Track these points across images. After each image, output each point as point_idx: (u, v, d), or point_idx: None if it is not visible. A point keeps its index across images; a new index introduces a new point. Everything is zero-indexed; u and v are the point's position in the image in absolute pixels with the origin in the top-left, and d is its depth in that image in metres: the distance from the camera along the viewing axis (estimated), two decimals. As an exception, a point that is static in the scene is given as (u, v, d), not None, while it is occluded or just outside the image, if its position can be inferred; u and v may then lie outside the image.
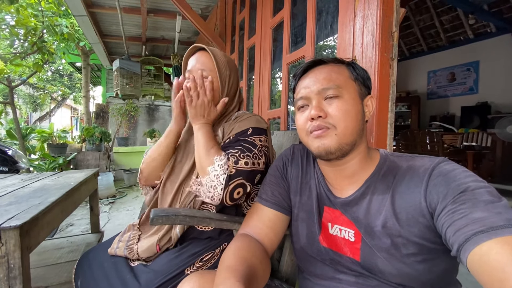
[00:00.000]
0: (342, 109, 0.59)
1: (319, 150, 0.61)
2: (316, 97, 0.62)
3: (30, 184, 1.21)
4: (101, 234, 1.75)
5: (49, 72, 11.93)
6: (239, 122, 0.84)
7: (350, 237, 0.61)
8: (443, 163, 0.54)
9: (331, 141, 0.59)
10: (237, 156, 0.77)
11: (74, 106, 17.78)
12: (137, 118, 7.42)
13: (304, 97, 0.64)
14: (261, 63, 1.93)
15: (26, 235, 0.73)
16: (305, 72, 0.67)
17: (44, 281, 1.18)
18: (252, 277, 0.53)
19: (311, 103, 0.63)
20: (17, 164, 2.28)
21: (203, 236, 0.84)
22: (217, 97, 0.87)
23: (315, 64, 0.67)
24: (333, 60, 0.67)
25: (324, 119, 0.60)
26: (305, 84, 0.65)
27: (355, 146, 0.61)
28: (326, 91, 0.61)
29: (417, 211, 0.53)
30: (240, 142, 0.80)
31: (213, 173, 0.74)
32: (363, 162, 0.63)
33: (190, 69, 0.88)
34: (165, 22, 3.53)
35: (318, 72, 0.64)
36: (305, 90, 0.64)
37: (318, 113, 0.60)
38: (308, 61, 0.68)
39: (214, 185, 0.74)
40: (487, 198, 0.45)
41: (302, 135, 0.66)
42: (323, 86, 0.61)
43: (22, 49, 3.92)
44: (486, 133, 4.60)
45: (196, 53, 0.90)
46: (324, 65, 0.66)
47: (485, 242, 0.40)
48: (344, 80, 0.62)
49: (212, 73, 0.87)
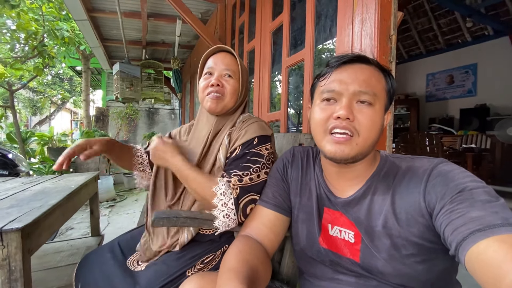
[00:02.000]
0: (372, 119, 0.57)
1: (335, 155, 0.58)
2: (349, 96, 0.57)
3: (30, 187, 1.22)
4: (101, 238, 1.75)
5: (49, 76, 11.96)
6: (244, 128, 0.85)
7: (350, 238, 0.62)
8: (442, 164, 0.55)
9: (351, 150, 0.57)
10: (240, 175, 0.77)
11: (74, 110, 17.81)
12: (137, 121, 7.43)
13: (336, 91, 0.59)
14: (261, 66, 1.94)
15: (28, 238, 0.74)
16: (343, 64, 0.61)
17: (45, 285, 1.18)
18: (254, 279, 0.53)
19: (341, 101, 0.58)
20: (17, 167, 2.28)
21: (205, 239, 0.84)
22: (235, 99, 0.90)
23: (358, 60, 0.61)
24: (377, 64, 0.62)
25: (351, 122, 0.57)
26: (342, 77, 0.59)
27: (367, 155, 0.61)
28: (362, 95, 0.57)
29: (416, 211, 0.53)
30: (247, 156, 0.80)
31: (220, 203, 0.74)
32: (367, 166, 0.63)
33: (213, 66, 0.89)
34: (165, 26, 3.56)
35: (360, 70, 0.59)
36: (339, 84, 0.59)
37: (348, 115, 0.56)
38: (352, 54, 0.62)
39: (226, 213, 0.74)
40: (484, 198, 0.45)
41: (319, 130, 0.61)
42: (361, 89, 0.57)
43: (22, 53, 3.94)
44: (485, 135, 4.62)
45: (218, 53, 0.91)
46: (367, 65, 0.60)
47: (482, 240, 0.40)
48: (380, 89, 0.59)
49: (235, 76, 0.89)
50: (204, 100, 0.88)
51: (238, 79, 0.89)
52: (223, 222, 0.74)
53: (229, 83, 0.88)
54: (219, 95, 0.86)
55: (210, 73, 0.89)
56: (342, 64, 0.61)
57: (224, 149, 0.85)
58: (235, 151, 0.83)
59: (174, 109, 8.15)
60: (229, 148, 0.85)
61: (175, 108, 8.11)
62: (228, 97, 0.87)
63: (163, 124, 8.07)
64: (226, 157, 0.85)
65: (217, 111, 0.88)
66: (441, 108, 6.48)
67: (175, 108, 8.11)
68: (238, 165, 0.79)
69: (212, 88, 0.86)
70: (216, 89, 0.86)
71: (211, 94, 0.86)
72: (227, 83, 0.88)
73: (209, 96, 0.86)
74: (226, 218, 0.74)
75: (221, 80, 0.87)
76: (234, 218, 0.74)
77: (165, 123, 8.09)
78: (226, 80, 0.88)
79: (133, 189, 4.60)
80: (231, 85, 0.88)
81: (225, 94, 0.87)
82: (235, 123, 0.91)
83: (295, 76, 2.87)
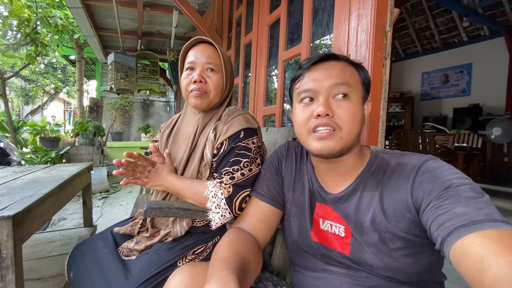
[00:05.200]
0: (351, 112, 0.58)
1: (321, 152, 0.59)
2: (325, 92, 0.59)
3: (22, 177, 1.21)
4: (93, 228, 1.75)
5: (42, 64, 11.72)
6: (230, 121, 0.84)
7: (340, 232, 0.63)
8: (430, 160, 0.56)
9: (336, 144, 0.58)
10: (231, 171, 0.77)
11: (67, 100, 17.52)
12: (132, 113, 7.36)
13: (312, 90, 0.60)
14: (257, 60, 1.93)
15: (19, 226, 0.73)
16: (314, 64, 0.63)
17: (36, 274, 1.18)
18: (244, 269, 0.54)
19: (318, 99, 0.59)
20: (8, 156, 2.25)
21: (196, 231, 0.85)
22: (220, 93, 0.88)
23: (328, 58, 0.63)
24: (346, 59, 0.64)
25: (331, 118, 0.58)
26: (315, 76, 0.61)
27: (353, 147, 0.62)
28: (338, 87, 0.58)
29: (404, 207, 0.55)
30: (234, 151, 0.80)
31: (213, 206, 0.76)
32: (356, 160, 0.64)
33: (194, 60, 0.85)
34: (161, 17, 3.50)
35: (331, 66, 0.61)
36: (314, 83, 0.60)
37: (327, 111, 0.57)
38: (321, 54, 0.64)
39: (221, 214, 0.76)
40: (469, 194, 0.47)
41: (302, 131, 0.63)
42: (336, 81, 0.58)
43: (14, 40, 3.84)
44: (477, 135, 4.69)
45: (198, 45, 0.88)
46: (337, 61, 0.62)
47: (466, 236, 0.42)
48: (355, 81, 0.61)
49: (218, 68, 0.86)
50: (188, 97, 0.87)
51: (221, 72, 0.87)
52: (220, 221, 0.76)
53: (212, 79, 0.85)
54: (202, 92, 0.84)
55: (192, 68, 0.86)
56: (313, 64, 0.63)
57: (210, 145, 0.84)
58: (222, 146, 0.82)
59: (169, 101, 8.08)
60: (215, 143, 0.84)
61: (170, 100, 8.04)
62: (213, 93, 0.86)
63: (158, 116, 7.99)
64: (213, 153, 0.84)
65: (202, 107, 0.87)
66: (435, 107, 6.55)
67: (170, 100, 8.04)
68: (228, 162, 0.79)
69: (195, 85, 0.83)
70: (199, 86, 0.83)
71: (194, 92, 0.84)
72: (210, 79, 0.85)
73: (192, 93, 0.84)
74: (222, 218, 0.76)
75: (204, 75, 0.84)
76: (230, 216, 0.76)
77: (160, 115, 8.02)
78: (209, 75, 0.85)
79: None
80: (214, 81, 0.85)
81: (209, 90, 0.85)
82: (221, 116, 0.90)
83: (292, 71, 2.86)
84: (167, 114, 8.08)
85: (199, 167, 0.86)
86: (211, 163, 0.85)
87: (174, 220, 0.83)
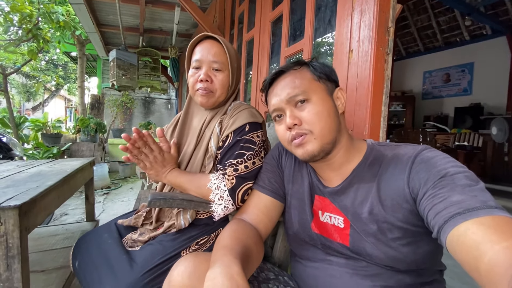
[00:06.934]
0: (314, 112, 0.62)
1: (304, 157, 0.64)
2: (287, 106, 0.64)
3: (26, 170, 1.22)
4: (96, 223, 1.76)
5: (43, 61, 11.72)
6: (235, 115, 0.85)
7: (339, 223, 0.65)
8: (425, 150, 0.57)
9: (313, 145, 0.62)
10: (235, 163, 0.78)
11: (68, 97, 17.54)
12: (133, 110, 7.36)
13: (276, 108, 0.67)
14: (260, 57, 1.94)
15: (25, 216, 0.74)
16: (271, 85, 0.70)
17: (40, 266, 1.19)
18: (247, 257, 0.55)
19: (285, 112, 0.65)
20: (11, 151, 2.25)
21: (200, 223, 0.86)
22: (226, 92, 0.89)
23: (278, 75, 0.69)
24: (293, 66, 0.69)
25: (300, 126, 0.63)
26: (275, 94, 0.67)
27: (336, 142, 0.64)
28: (294, 97, 0.64)
29: (401, 197, 0.56)
30: (239, 144, 0.81)
31: (216, 197, 0.77)
32: (348, 153, 0.66)
33: (200, 58, 0.86)
34: (163, 13, 3.50)
35: (282, 81, 0.67)
36: (275, 99, 0.66)
37: (293, 121, 0.62)
38: (271, 74, 0.71)
39: (224, 206, 0.77)
40: (464, 182, 0.48)
41: (285, 144, 0.68)
42: (290, 95, 0.64)
43: (16, 36, 3.85)
44: (478, 134, 4.69)
45: (204, 42, 0.88)
46: (285, 74, 0.68)
47: (462, 223, 0.43)
48: (308, 83, 0.65)
49: (224, 67, 0.87)
50: (195, 95, 0.88)
51: (228, 70, 0.87)
52: (223, 212, 0.77)
53: (218, 78, 0.86)
54: (208, 91, 0.85)
55: (198, 66, 0.86)
56: (269, 85, 0.71)
57: (216, 137, 0.86)
58: (227, 139, 0.84)
59: (171, 99, 8.07)
60: (221, 136, 0.85)
61: (171, 98, 8.04)
62: (219, 92, 0.87)
63: (159, 113, 8.00)
64: (218, 146, 0.85)
65: (208, 106, 0.88)
66: (436, 106, 6.54)
67: (171, 98, 8.04)
68: (232, 154, 0.80)
69: (201, 84, 0.84)
70: (205, 85, 0.84)
71: (200, 90, 0.85)
72: (216, 78, 0.86)
73: (199, 91, 0.85)
74: (225, 209, 0.77)
75: (210, 74, 0.85)
76: (232, 207, 0.77)
77: (161, 112, 8.02)
78: (215, 74, 0.86)
79: (128, 177, 4.60)
80: (220, 80, 0.86)
81: (215, 89, 0.86)
82: (226, 110, 0.91)
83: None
84: (168, 112, 8.08)
85: (203, 160, 0.87)
86: (216, 155, 0.86)
87: (178, 213, 0.84)
